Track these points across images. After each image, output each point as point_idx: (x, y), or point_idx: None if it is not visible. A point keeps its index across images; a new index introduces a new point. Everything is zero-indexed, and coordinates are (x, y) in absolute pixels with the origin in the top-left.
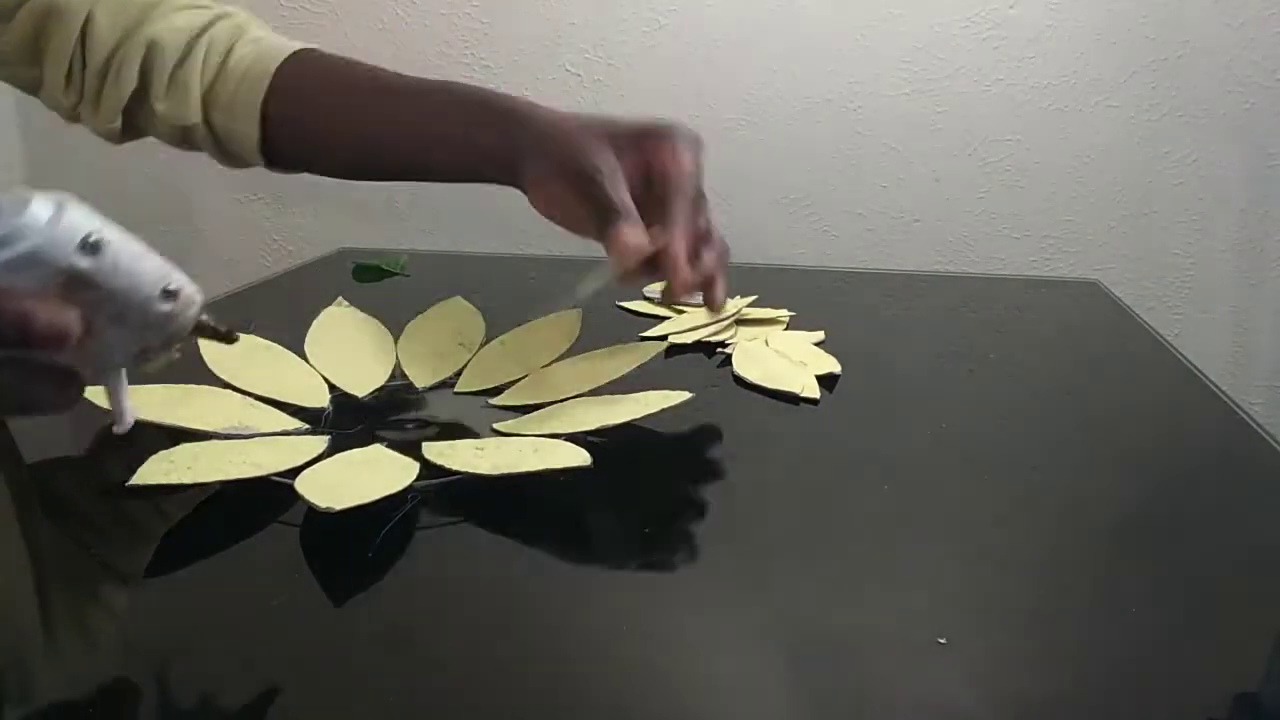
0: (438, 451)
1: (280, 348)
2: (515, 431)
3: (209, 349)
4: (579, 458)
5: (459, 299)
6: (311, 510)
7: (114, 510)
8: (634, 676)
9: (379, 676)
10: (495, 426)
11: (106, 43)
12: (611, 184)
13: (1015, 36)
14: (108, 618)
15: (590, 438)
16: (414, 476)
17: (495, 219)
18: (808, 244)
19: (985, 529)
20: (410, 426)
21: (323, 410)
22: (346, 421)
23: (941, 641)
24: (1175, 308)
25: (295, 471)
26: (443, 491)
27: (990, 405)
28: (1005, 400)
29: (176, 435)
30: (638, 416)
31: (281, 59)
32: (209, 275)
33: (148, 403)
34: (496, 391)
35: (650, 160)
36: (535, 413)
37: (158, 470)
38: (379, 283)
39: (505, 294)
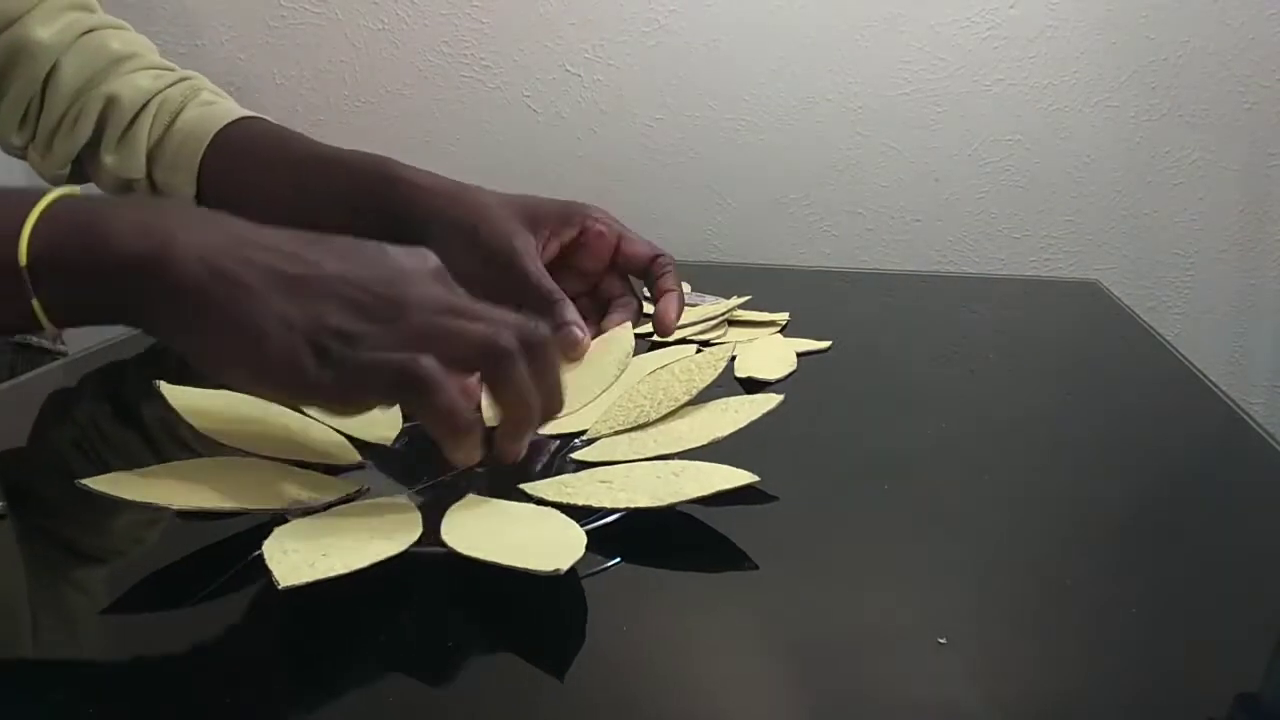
0: (559, 489)
1: None
2: (596, 460)
3: None
4: (742, 476)
5: None
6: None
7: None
8: (633, 676)
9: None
10: (575, 457)
11: (68, 92)
12: (532, 266)
13: (1015, 36)
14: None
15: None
16: (404, 546)
17: None
18: (808, 244)
19: (985, 529)
20: (481, 470)
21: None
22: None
23: (941, 641)
24: (1175, 308)
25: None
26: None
27: (990, 405)
28: (1005, 400)
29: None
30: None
31: (225, 123)
32: None
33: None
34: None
35: (580, 246)
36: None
37: (152, 488)
38: None
39: None
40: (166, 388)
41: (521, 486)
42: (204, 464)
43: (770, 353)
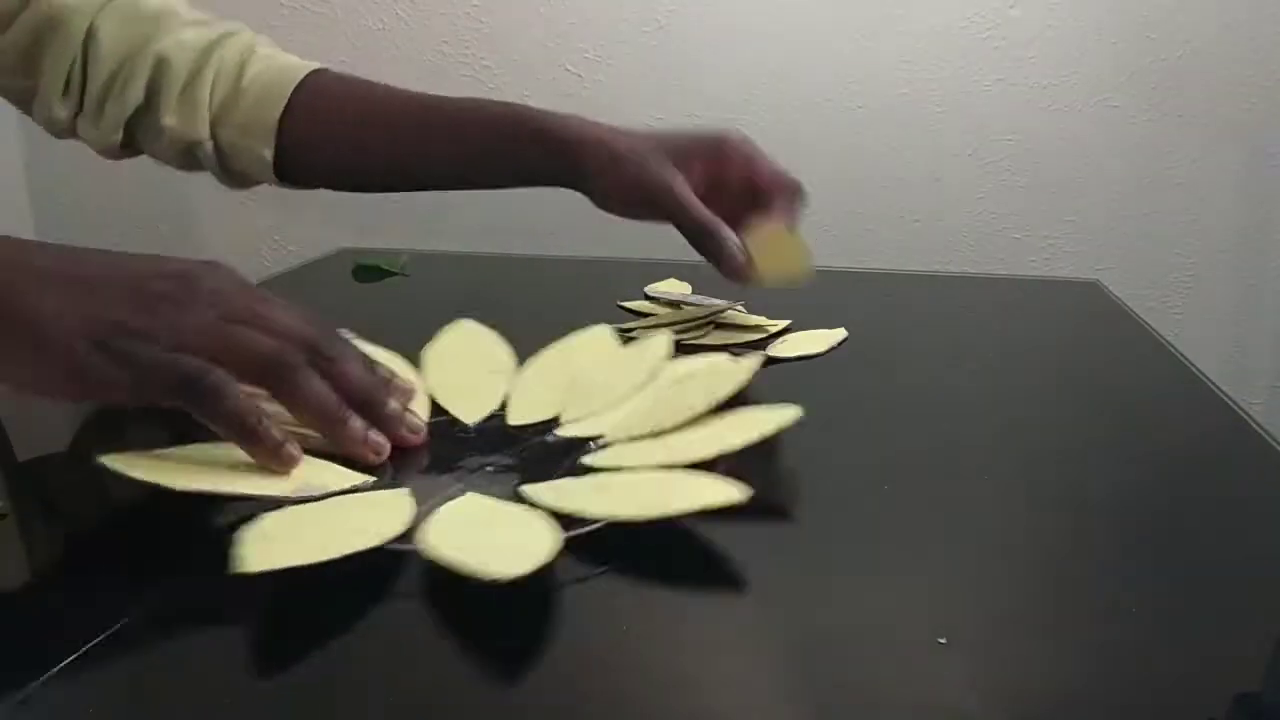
0: (556, 493)
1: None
2: (603, 465)
3: None
4: (732, 494)
5: (468, 322)
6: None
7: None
8: (633, 677)
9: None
10: (584, 462)
11: (112, 56)
12: (690, 201)
13: (1015, 36)
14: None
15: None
16: (381, 540)
17: (496, 219)
18: (808, 244)
19: (985, 529)
20: (491, 469)
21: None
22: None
23: (942, 641)
24: (1175, 308)
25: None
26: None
27: (990, 405)
28: (1005, 400)
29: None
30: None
31: (298, 78)
32: None
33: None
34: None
35: (724, 170)
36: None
37: (142, 465)
38: (379, 283)
39: (506, 296)
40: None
41: (522, 489)
42: (216, 448)
43: (808, 340)
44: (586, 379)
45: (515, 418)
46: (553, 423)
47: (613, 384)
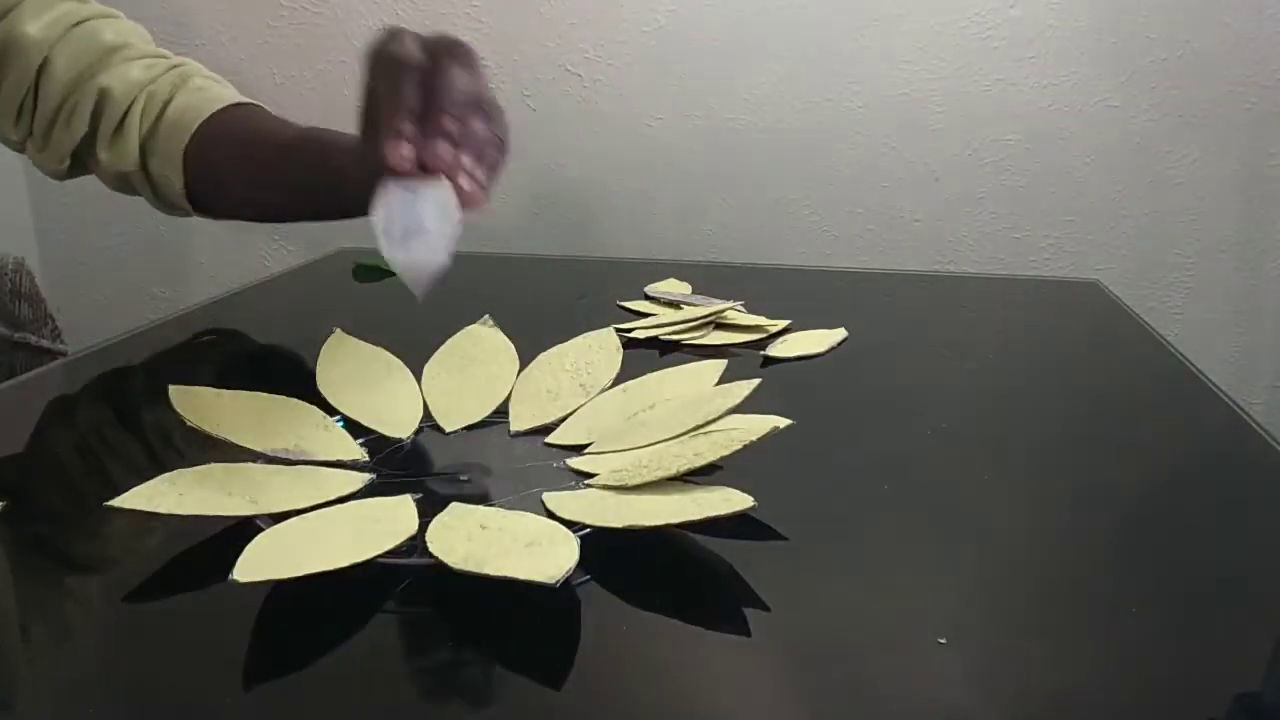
0: (559, 502)
1: (400, 364)
2: (588, 470)
3: (324, 358)
4: (741, 502)
5: (480, 326)
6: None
7: (94, 530)
8: (632, 676)
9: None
10: (571, 464)
11: (60, 87)
12: (389, 99)
13: (1015, 36)
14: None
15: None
16: (377, 551)
17: (496, 219)
18: (808, 244)
19: (985, 528)
20: (465, 479)
21: (399, 442)
22: (409, 461)
23: (941, 641)
24: (1175, 308)
25: (287, 516)
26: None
27: (990, 405)
28: (1005, 400)
29: (225, 448)
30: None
31: (211, 111)
32: (209, 275)
33: (220, 411)
34: (547, 429)
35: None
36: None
37: (143, 495)
38: (379, 283)
39: (508, 297)
40: (175, 390)
41: (544, 497)
42: (190, 474)
43: (807, 339)
44: (583, 382)
45: (514, 424)
46: (550, 428)
47: (576, 381)
